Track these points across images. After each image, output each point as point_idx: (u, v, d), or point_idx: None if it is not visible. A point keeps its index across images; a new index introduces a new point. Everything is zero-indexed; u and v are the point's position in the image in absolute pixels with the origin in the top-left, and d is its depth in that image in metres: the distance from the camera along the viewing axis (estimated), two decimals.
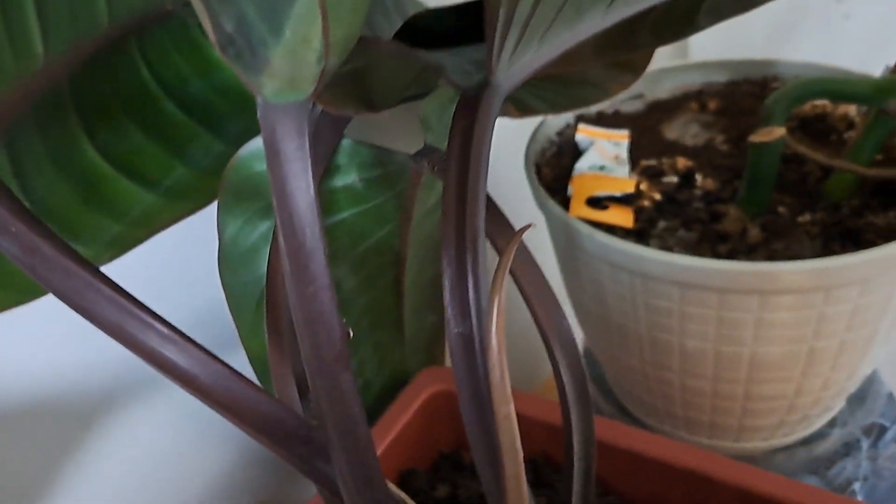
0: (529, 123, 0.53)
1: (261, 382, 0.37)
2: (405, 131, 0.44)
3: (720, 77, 0.58)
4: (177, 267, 0.41)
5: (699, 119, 0.55)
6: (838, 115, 0.54)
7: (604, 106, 0.57)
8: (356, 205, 0.36)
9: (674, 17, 0.33)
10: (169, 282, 0.41)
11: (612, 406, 0.56)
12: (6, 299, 0.31)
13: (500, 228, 0.30)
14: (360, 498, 0.24)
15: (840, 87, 0.45)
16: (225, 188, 0.30)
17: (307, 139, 0.19)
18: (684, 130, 0.54)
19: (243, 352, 0.36)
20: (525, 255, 0.29)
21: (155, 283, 0.40)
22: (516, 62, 0.24)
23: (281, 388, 0.29)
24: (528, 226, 0.25)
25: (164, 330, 0.23)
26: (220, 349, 0.27)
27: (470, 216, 0.23)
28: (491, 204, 0.30)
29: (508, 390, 0.23)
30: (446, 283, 0.24)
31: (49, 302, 0.26)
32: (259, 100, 0.20)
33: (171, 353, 0.22)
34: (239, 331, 0.34)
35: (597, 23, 0.27)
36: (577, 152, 0.52)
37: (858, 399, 0.55)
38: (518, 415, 0.23)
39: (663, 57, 0.53)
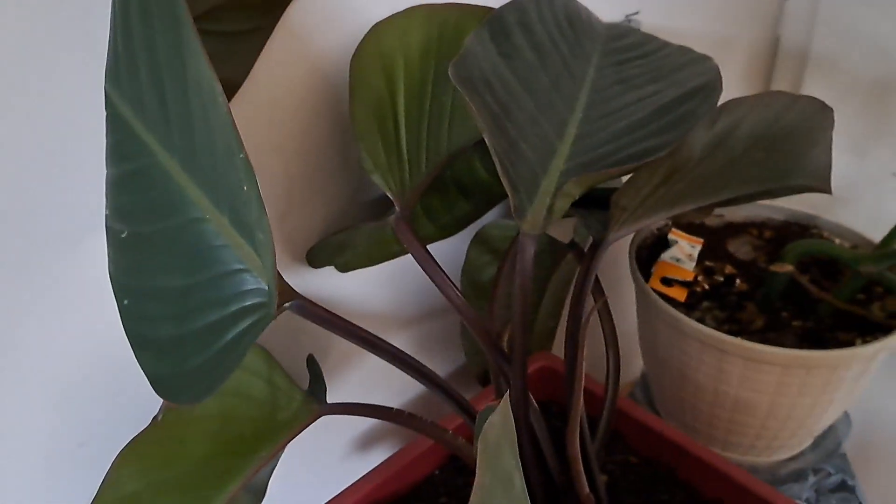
0: None
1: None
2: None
3: (780, 216, 0.86)
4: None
5: (754, 242, 0.84)
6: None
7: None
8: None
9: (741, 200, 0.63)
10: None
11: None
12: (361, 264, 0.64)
13: (598, 291, 0.61)
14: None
15: (830, 250, 0.72)
16: (474, 237, 0.62)
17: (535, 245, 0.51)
18: (740, 248, 0.83)
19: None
20: (606, 307, 0.60)
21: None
22: (622, 229, 0.54)
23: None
24: (605, 298, 0.57)
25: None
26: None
27: (587, 284, 0.54)
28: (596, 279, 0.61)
29: (582, 368, 0.54)
30: (569, 311, 0.54)
31: None
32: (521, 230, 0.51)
33: None
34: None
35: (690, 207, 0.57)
36: (665, 245, 0.82)
37: (817, 445, 0.82)
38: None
39: None
